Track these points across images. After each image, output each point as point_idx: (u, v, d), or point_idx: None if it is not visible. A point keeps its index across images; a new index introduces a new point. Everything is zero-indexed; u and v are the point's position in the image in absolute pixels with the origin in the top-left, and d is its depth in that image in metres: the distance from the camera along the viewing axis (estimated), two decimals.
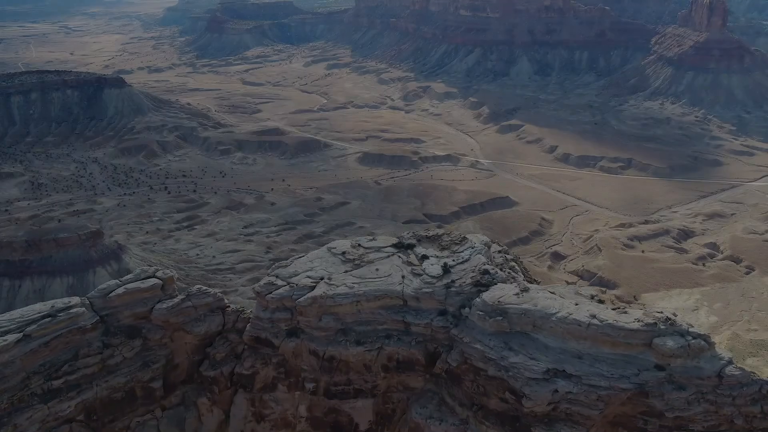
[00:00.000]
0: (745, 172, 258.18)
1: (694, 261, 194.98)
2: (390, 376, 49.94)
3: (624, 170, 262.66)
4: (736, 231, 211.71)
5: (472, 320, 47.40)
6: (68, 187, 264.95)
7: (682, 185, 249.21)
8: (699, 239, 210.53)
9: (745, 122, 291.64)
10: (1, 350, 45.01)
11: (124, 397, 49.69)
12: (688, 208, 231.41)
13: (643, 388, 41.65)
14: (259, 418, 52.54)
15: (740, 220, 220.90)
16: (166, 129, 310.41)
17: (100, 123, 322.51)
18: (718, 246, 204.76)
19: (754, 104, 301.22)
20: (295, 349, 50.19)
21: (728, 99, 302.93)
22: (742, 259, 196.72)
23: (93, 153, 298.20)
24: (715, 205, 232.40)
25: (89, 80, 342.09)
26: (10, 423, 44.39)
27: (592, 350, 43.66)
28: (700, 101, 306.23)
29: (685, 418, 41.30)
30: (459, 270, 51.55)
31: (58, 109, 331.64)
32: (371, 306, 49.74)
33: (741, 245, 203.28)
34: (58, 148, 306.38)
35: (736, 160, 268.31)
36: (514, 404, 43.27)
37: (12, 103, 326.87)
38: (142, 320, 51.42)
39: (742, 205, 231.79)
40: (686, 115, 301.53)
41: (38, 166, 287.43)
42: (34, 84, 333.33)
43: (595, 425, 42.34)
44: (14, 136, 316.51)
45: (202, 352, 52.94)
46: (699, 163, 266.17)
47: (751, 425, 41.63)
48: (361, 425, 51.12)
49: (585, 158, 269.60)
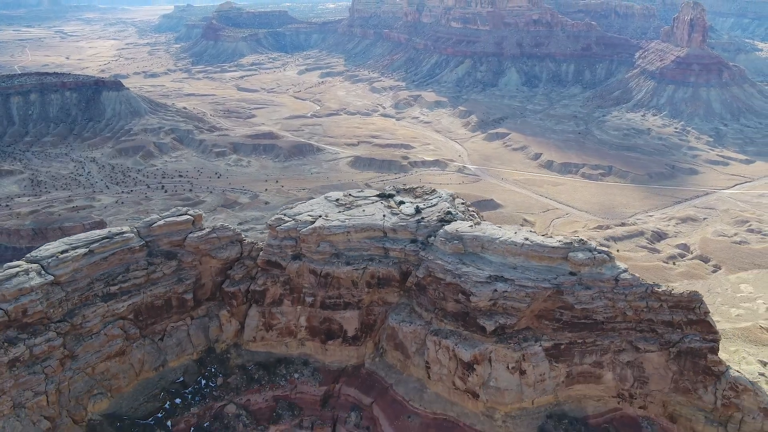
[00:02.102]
0: (720, 180, 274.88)
1: (665, 260, 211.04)
2: (372, 292, 65.24)
3: (604, 177, 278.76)
4: (706, 233, 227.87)
5: (436, 245, 62.98)
6: (67, 185, 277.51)
7: (659, 192, 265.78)
8: (671, 241, 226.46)
9: (722, 134, 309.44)
10: (73, 260, 60.07)
11: (163, 305, 64.71)
12: (663, 213, 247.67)
13: (559, 288, 57.19)
14: (268, 327, 67.63)
15: (711, 224, 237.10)
16: (163, 131, 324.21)
17: (97, 124, 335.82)
18: (688, 247, 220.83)
19: (731, 117, 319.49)
20: (298, 269, 65.45)
21: (707, 111, 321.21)
22: (710, 258, 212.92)
23: (91, 153, 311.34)
24: (688, 210, 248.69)
25: (88, 83, 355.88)
26: (80, 314, 59.27)
27: (524, 263, 59.32)
28: (680, 113, 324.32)
29: (590, 310, 56.85)
30: (428, 211, 67.30)
31: (57, 110, 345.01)
32: (358, 236, 65.24)
33: (710, 246, 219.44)
34: (57, 147, 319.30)
35: (711, 170, 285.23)
36: (465, 302, 58.64)
37: (11, 103, 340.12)
38: (178, 246, 66.64)
39: (714, 210, 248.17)
40: (666, 126, 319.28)
41: (37, 164, 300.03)
42: (34, 85, 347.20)
43: (524, 317, 57.79)
44: (13, 135, 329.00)
45: (223, 274, 68.16)
46: (676, 171, 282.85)
47: (639, 316, 57.24)
48: (349, 332, 66.36)
49: (567, 165, 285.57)
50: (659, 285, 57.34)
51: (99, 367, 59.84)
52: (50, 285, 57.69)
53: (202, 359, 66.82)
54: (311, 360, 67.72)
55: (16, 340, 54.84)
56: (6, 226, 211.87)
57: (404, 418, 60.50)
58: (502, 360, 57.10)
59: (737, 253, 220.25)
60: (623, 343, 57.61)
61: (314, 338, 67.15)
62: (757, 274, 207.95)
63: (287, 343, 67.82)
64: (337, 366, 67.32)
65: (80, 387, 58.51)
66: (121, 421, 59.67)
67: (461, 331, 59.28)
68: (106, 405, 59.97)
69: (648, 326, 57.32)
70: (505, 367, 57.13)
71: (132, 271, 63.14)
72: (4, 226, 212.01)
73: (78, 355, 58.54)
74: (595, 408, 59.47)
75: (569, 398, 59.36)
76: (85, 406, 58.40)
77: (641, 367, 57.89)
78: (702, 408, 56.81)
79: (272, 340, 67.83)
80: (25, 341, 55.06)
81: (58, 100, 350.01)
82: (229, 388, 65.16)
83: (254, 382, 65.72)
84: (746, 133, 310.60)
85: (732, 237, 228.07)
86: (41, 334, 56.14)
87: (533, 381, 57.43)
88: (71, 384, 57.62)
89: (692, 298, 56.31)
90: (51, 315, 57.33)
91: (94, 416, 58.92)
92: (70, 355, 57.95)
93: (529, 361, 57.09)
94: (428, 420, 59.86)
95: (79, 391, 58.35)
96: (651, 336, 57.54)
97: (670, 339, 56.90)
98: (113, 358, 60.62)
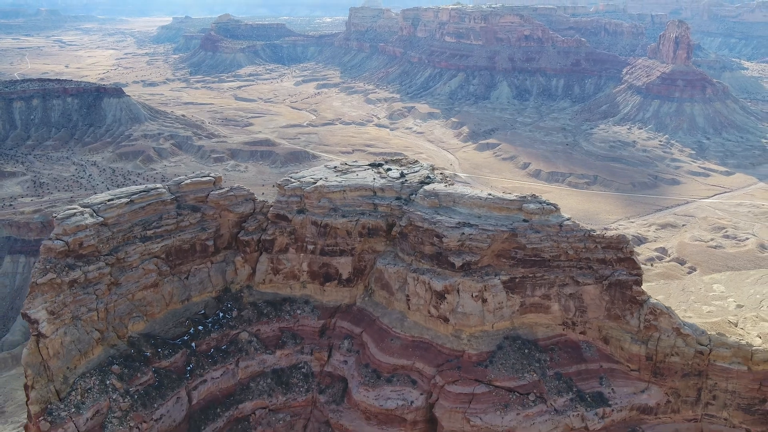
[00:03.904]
0: (700, 190, 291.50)
1: (643, 262, 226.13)
2: (363, 241, 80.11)
3: (590, 186, 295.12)
4: (684, 238, 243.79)
5: (416, 201, 78.12)
6: (68, 187, 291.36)
7: (641, 200, 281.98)
8: (650, 245, 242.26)
9: (704, 147, 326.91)
10: (117, 207, 74.89)
11: (189, 249, 79.42)
12: (644, 219, 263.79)
13: (514, 232, 72.27)
14: (276, 271, 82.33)
15: (689, 230, 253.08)
16: (162, 137, 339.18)
17: (98, 129, 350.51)
18: (666, 250, 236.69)
19: (714, 131, 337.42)
20: (302, 221, 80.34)
21: (690, 125, 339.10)
22: (686, 261, 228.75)
23: (92, 157, 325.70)
24: (668, 217, 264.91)
25: (89, 89, 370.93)
26: (123, 250, 73.86)
27: (486, 213, 74.49)
28: (665, 127, 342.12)
29: (539, 249, 71.89)
30: (411, 176, 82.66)
31: (58, 116, 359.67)
32: (353, 194, 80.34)
33: (687, 250, 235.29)
34: (58, 151, 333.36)
35: (692, 180, 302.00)
36: (438, 244, 73.59)
37: (14, 108, 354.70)
38: (201, 202, 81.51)
39: (693, 218, 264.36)
40: (651, 139, 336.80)
41: (39, 167, 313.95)
42: (36, 91, 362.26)
43: (486, 255, 72.74)
44: (15, 139, 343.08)
45: (239, 226, 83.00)
46: (658, 181, 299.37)
47: (578, 255, 72.29)
48: (344, 275, 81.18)
49: (554, 174, 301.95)
50: (594, 230, 72.49)
51: (137, 295, 74.30)
52: (100, 225, 72.32)
53: (220, 297, 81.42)
54: (311, 299, 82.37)
55: (74, 266, 69.25)
56: (16, 219, 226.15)
57: (388, 341, 75.11)
58: (467, 290, 71.87)
59: (712, 257, 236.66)
60: (566, 278, 72.55)
61: (314, 281, 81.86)
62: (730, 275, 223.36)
63: (291, 285, 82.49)
64: (333, 304, 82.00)
65: (123, 309, 72.96)
66: (155, 339, 74.07)
67: (435, 268, 74.16)
68: (143, 326, 74.39)
69: (586, 264, 72.36)
70: (470, 296, 71.89)
71: (164, 219, 77.89)
72: (14, 219, 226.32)
73: (121, 283, 73.03)
74: (544, 333, 74.26)
75: (523, 324, 74.19)
76: (126, 325, 72.80)
77: (581, 298, 72.84)
78: (629, 330, 71.68)
79: (279, 283, 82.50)
80: (81, 267, 69.51)
81: (60, 106, 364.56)
82: (243, 319, 79.69)
83: (263, 316, 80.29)
84: (727, 146, 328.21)
85: (708, 242, 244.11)
86: (93, 263, 70.60)
87: (493, 308, 72.22)
88: (116, 306, 72.04)
89: (620, 240, 71.50)
90: (100, 249, 71.86)
91: (133, 334, 73.29)
92: (115, 282, 72.41)
93: (490, 291, 71.91)
94: (407, 342, 74.46)
95: (122, 312, 72.79)
96: (588, 272, 72.57)
97: (603, 274, 71.93)
98: (148, 289, 75.11)
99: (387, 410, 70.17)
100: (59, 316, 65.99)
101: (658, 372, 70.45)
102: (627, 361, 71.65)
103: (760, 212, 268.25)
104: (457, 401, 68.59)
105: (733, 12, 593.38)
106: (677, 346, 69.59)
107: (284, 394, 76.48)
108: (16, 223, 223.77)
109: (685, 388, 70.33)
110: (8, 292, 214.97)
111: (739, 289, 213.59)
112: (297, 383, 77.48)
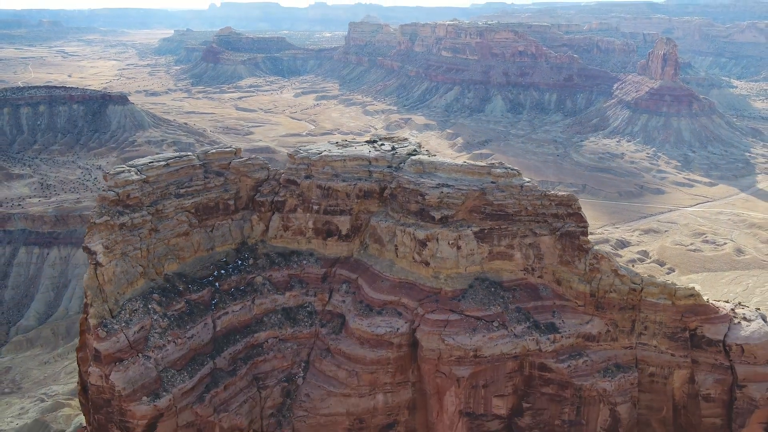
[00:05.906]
0: (684, 199, 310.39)
1: (624, 263, 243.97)
2: (360, 203, 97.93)
3: (578, 194, 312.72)
4: (665, 242, 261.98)
5: (404, 168, 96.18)
6: (75, 188, 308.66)
7: (627, 208, 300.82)
8: (633, 248, 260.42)
9: (689, 159, 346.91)
10: (156, 168, 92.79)
11: (213, 206, 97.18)
12: (629, 225, 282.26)
13: (484, 191, 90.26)
14: (285, 228, 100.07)
15: (671, 235, 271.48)
16: (165, 143, 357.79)
17: (103, 135, 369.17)
18: (647, 253, 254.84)
19: (699, 144, 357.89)
20: (308, 185, 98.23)
21: (677, 139, 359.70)
22: (666, 263, 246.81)
23: (96, 161, 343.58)
24: (652, 223, 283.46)
25: (94, 96, 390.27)
26: (161, 203, 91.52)
27: (461, 177, 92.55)
28: (653, 140, 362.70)
29: (504, 205, 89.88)
30: (400, 149, 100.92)
31: (64, 122, 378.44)
32: (351, 163, 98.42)
33: (667, 253, 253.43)
34: (64, 156, 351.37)
35: (677, 190, 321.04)
36: (422, 202, 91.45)
37: (21, 113, 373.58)
38: (224, 168, 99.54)
39: (675, 224, 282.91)
40: (639, 151, 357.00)
41: (45, 170, 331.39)
42: (43, 98, 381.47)
43: (460, 210, 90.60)
44: (22, 143, 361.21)
45: (255, 189, 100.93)
46: (644, 190, 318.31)
47: (536, 211, 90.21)
48: (343, 231, 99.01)
49: (544, 183, 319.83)
50: (550, 189, 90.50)
51: (172, 241, 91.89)
52: (143, 182, 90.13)
53: (239, 248, 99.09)
54: (315, 252, 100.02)
55: (123, 213, 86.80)
56: (30, 212, 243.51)
57: (379, 282, 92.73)
58: (445, 239, 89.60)
59: (690, 259, 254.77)
60: (526, 230, 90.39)
61: (318, 236, 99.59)
62: (706, 276, 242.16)
63: (299, 240, 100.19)
64: (333, 256, 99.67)
65: (160, 251, 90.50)
66: (186, 277, 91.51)
67: (419, 222, 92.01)
68: (176, 267, 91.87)
69: (542, 218, 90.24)
70: (447, 244, 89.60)
71: (194, 180, 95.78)
72: (29, 212, 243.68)
73: (159, 230, 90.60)
74: (508, 277, 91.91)
75: (491, 270, 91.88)
76: (163, 264, 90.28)
77: (538, 247, 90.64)
78: (576, 273, 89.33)
79: (288, 238, 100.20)
80: (128, 214, 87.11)
81: (66, 112, 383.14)
82: (257, 266, 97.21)
83: (275, 265, 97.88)
84: (712, 159, 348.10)
85: (688, 246, 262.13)
86: (137, 211, 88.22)
87: (465, 254, 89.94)
88: (155, 248, 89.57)
89: (570, 198, 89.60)
90: (143, 201, 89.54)
91: (168, 272, 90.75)
92: (155, 229, 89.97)
93: (463, 239, 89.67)
94: (395, 283, 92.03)
95: (160, 253, 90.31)
96: (544, 225, 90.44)
97: (556, 226, 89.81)
98: (181, 237, 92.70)
99: (377, 335, 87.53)
100: (112, 251, 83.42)
101: (599, 306, 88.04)
102: (575, 299, 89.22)
103: (739, 220, 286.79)
104: (434, 326, 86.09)
105: (724, 32, 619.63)
106: (615, 284, 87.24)
107: (292, 327, 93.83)
108: (31, 216, 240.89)
109: (621, 320, 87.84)
110: (23, 281, 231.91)
111: (714, 288, 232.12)
112: (303, 319, 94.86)
